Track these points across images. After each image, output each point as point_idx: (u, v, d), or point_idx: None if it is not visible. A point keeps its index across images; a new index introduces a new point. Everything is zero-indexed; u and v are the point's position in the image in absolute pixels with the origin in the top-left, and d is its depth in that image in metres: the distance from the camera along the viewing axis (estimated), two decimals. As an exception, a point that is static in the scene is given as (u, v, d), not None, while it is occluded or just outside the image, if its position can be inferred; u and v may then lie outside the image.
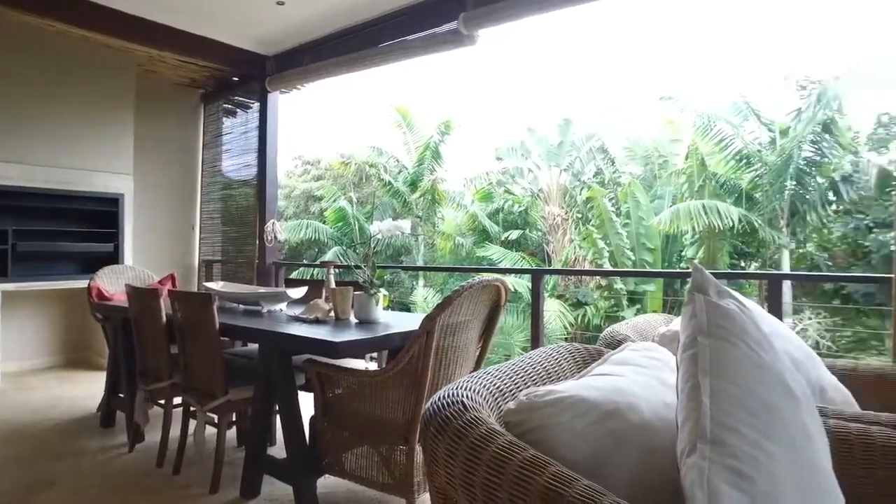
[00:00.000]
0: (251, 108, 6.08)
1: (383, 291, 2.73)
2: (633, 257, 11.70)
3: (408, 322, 2.63)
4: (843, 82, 9.47)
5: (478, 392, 1.06)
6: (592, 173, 13.97)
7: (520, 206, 14.42)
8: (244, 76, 5.95)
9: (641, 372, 1.17)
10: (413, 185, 13.93)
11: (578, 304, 12.19)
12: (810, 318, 9.67)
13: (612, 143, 13.99)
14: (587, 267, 11.90)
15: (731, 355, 0.90)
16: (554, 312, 11.46)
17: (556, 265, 12.92)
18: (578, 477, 0.79)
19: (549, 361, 1.34)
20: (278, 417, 2.68)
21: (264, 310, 3.14)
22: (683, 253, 11.66)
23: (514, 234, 13.84)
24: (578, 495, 0.76)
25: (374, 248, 2.86)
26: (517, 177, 15.09)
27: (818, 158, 9.72)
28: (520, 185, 15.07)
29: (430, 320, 2.04)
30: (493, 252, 12.68)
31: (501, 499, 0.79)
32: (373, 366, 3.44)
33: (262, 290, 3.53)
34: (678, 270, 9.97)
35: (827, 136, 9.61)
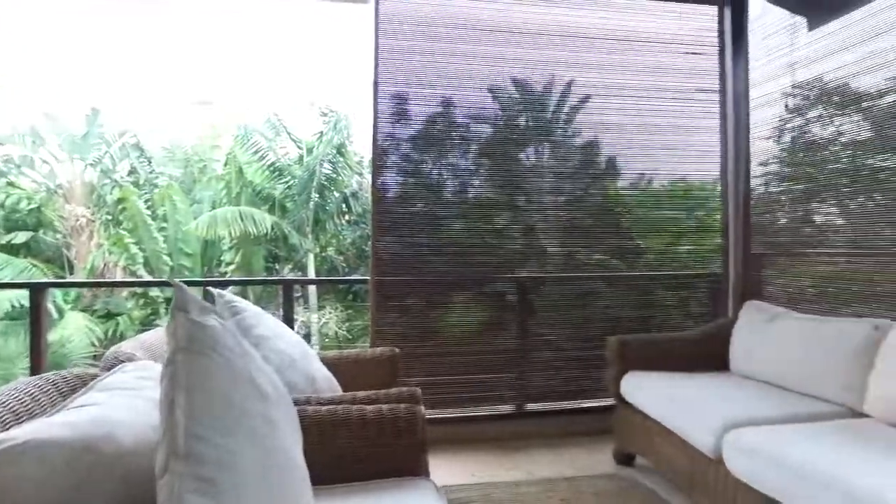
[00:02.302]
0: None
1: None
2: (171, 262, 11.16)
3: None
4: (352, 114, 11.45)
5: None
6: (126, 172, 12.64)
7: (31, 203, 11.82)
8: None
9: (131, 395, 1.14)
10: None
11: (110, 316, 10.87)
12: (331, 313, 11.23)
13: (150, 141, 12.98)
14: (119, 274, 10.75)
15: (207, 367, 0.97)
16: (78, 328, 9.89)
17: (81, 273, 11.18)
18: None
19: (20, 400, 1.16)
20: None
21: None
22: (222, 258, 11.80)
23: (21, 237, 11.25)
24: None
25: None
26: (26, 167, 12.32)
27: (335, 176, 11.42)
28: (30, 177, 12.34)
29: None
30: (-12, 259, 10.05)
31: None
32: None
33: None
34: (161, 280, 10.00)
35: (341, 158, 11.40)
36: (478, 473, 2.90)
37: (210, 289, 2.20)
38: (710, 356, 3.02)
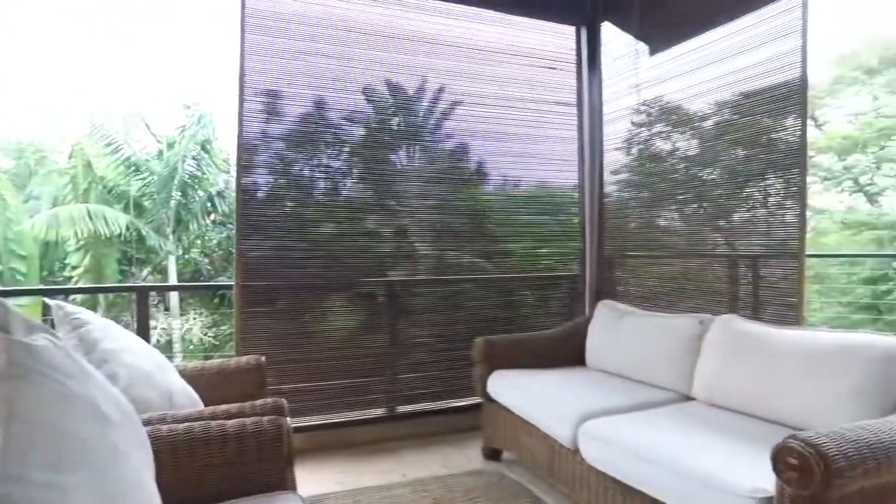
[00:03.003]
0: None
1: None
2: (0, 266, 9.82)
3: None
4: (219, 109, 10.80)
5: None
6: (-64, 160, 10.94)
7: None
8: None
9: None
10: None
11: None
12: (195, 318, 10.51)
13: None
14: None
15: (31, 395, 0.87)
16: None
17: None
18: None
19: None
20: None
21: None
22: (67, 261, 10.60)
23: None
24: None
25: None
26: None
27: (199, 174, 10.70)
28: None
29: None
30: None
31: None
32: None
33: None
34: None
35: (205, 155, 10.70)
36: (349, 480, 2.88)
37: (47, 300, 1.98)
38: (569, 353, 3.26)
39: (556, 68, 3.98)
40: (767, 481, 1.54)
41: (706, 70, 3.18)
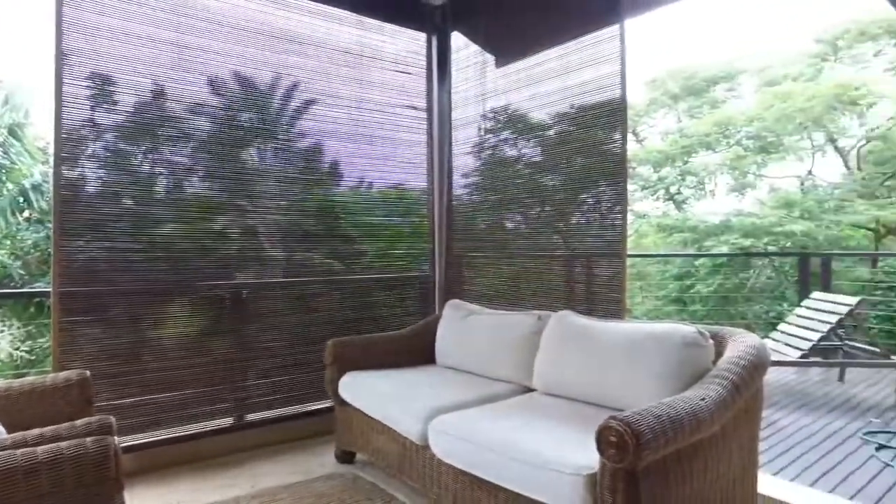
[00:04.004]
0: None
1: None
2: None
3: None
4: (33, 91, 9.42)
5: None
6: None
7: None
8: None
9: None
10: None
11: None
12: (2, 331, 9.10)
13: None
14: None
15: None
16: None
17: None
18: None
19: None
20: None
21: None
22: None
23: None
24: None
25: None
26: None
27: (7, 163, 9.26)
28: None
29: None
30: None
31: None
32: None
33: None
34: None
35: (16, 142, 9.29)
36: (192, 497, 2.70)
37: None
38: (420, 352, 3.35)
39: (408, 73, 4.06)
40: (592, 459, 1.71)
41: (546, 84, 3.44)
